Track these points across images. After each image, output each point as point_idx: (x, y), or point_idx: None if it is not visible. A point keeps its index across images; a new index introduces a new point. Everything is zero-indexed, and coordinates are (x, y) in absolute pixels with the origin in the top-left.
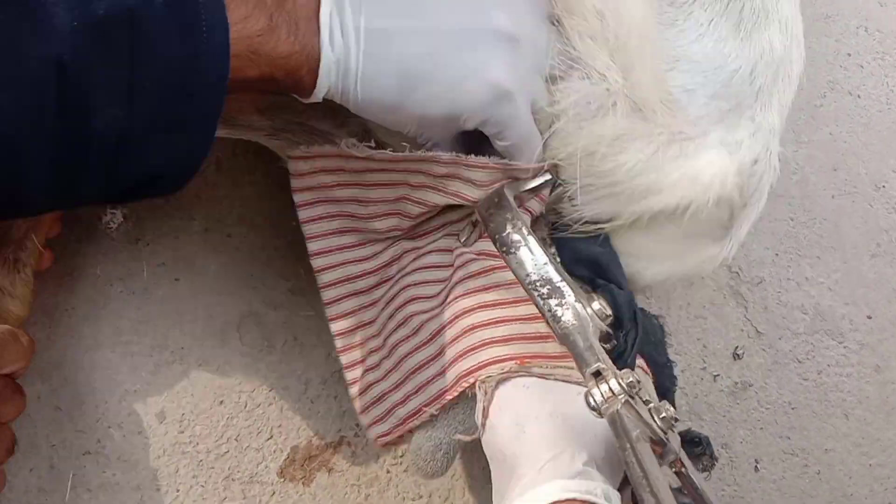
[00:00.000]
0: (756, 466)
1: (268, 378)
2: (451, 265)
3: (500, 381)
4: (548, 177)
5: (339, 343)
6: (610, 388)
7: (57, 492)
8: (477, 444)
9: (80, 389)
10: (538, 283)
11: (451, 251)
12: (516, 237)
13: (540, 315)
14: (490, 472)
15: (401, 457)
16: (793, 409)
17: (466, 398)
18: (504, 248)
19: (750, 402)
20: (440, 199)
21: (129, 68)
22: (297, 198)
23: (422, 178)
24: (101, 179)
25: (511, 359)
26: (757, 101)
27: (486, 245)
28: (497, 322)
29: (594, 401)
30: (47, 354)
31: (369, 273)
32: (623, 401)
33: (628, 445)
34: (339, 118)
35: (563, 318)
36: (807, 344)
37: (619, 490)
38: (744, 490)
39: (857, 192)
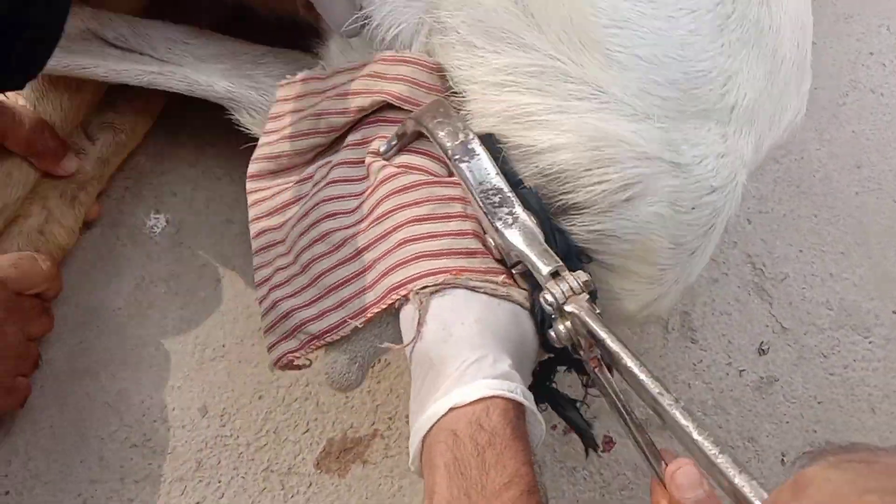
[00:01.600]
0: (782, 460)
1: (304, 373)
2: (364, 177)
3: (434, 292)
4: None
5: (255, 261)
6: (570, 287)
7: (107, 482)
8: None
9: (127, 385)
10: (490, 192)
11: (360, 163)
12: (469, 146)
13: (468, 231)
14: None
15: None
16: (819, 403)
17: (389, 312)
18: (456, 157)
19: (776, 396)
20: (364, 101)
21: None
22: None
23: (358, 83)
24: None
25: (444, 271)
26: (731, 121)
27: (409, 158)
28: (429, 236)
29: (553, 297)
30: (96, 353)
31: (285, 189)
32: (587, 298)
33: (611, 333)
34: None
35: (513, 226)
36: (832, 339)
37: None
38: (770, 483)
39: (881, 188)
